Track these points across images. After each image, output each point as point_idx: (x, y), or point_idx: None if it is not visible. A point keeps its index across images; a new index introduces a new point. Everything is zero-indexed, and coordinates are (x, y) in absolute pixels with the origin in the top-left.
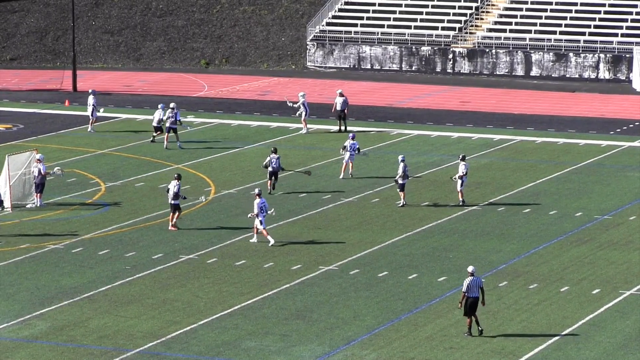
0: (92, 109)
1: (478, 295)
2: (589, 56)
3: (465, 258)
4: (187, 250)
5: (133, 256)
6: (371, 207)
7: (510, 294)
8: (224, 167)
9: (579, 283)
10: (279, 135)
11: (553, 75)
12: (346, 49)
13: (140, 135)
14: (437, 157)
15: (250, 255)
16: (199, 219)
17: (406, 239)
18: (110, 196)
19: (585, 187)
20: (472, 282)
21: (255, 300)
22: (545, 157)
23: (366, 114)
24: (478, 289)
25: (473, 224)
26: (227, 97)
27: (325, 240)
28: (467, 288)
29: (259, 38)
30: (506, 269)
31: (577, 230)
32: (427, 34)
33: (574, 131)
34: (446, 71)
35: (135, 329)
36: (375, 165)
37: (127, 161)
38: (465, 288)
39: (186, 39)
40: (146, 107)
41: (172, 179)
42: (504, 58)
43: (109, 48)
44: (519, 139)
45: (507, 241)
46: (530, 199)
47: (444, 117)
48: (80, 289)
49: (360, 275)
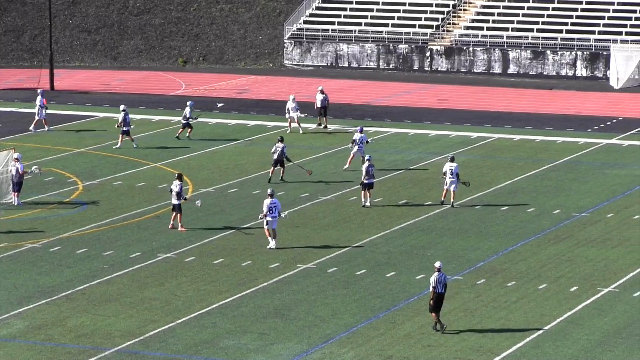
0: (39, 108)
1: (443, 291)
2: (566, 54)
3: (443, 256)
4: (165, 248)
5: (111, 255)
6: (349, 206)
7: (488, 291)
8: (202, 166)
9: (556, 280)
10: (257, 134)
11: (530, 72)
12: (323, 47)
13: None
14: (415, 154)
15: (228, 254)
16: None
17: (384, 237)
18: (88, 195)
19: (562, 185)
20: (438, 277)
21: (233, 299)
22: (523, 154)
23: (344, 112)
24: (443, 285)
25: (451, 221)
26: (205, 96)
27: (303, 239)
28: (435, 283)
29: (236, 36)
30: (484, 267)
31: (555, 227)
32: (405, 31)
33: (551, 129)
34: (424, 69)
35: (113, 328)
36: (353, 164)
37: (104, 160)
38: (434, 283)
39: (163, 37)
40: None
41: (174, 179)
42: (481, 56)
43: (86, 47)
44: (496, 137)
45: (485, 239)
46: (508, 196)
47: (422, 115)
48: (58, 288)
49: (338, 273)
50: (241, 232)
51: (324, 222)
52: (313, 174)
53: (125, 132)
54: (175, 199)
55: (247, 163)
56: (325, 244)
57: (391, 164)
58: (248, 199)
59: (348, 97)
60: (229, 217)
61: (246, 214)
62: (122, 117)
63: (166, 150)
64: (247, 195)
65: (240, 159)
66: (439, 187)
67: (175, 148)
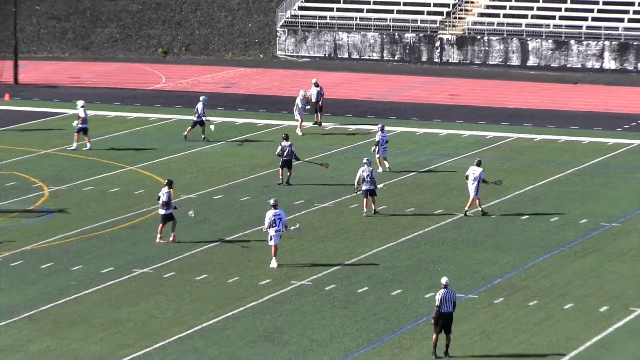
0: None
1: (452, 310)
2: (593, 44)
3: (455, 271)
4: (141, 263)
5: (80, 270)
6: (349, 214)
7: (507, 312)
8: (184, 169)
9: (584, 299)
10: (245, 133)
11: (552, 65)
12: (321, 36)
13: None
14: (423, 156)
15: (212, 269)
16: (154, 227)
17: (389, 249)
18: (55, 202)
19: (589, 191)
20: (445, 294)
21: (218, 320)
22: (545, 156)
23: (343, 109)
24: (452, 304)
25: (464, 232)
26: (188, 90)
27: (298, 252)
28: (440, 302)
29: (223, 24)
30: (502, 284)
31: (582, 239)
32: (412, 19)
33: (576, 127)
34: (433, 60)
35: (82, 353)
36: (353, 166)
37: (74, 162)
38: (438, 302)
39: (141, 25)
40: (96, 102)
41: (163, 186)
42: (497, 46)
43: (55, 36)
44: (514, 137)
45: (503, 252)
46: (528, 204)
47: (431, 112)
48: (19, 308)
49: (337, 291)
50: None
51: (321, 232)
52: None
53: (82, 130)
54: (162, 209)
55: (235, 166)
56: (323, 257)
57: (397, 167)
58: (235, 207)
59: (348, 92)
60: (213, 226)
61: (233, 223)
62: (81, 113)
63: (143, 152)
64: (234, 202)
65: (227, 161)
66: (450, 193)
67: (153, 149)
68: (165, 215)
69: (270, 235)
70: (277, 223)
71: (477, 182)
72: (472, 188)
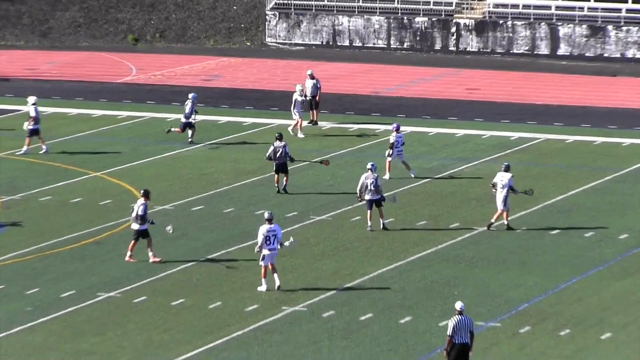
0: None
1: (468, 341)
2: (633, 30)
3: (474, 295)
4: (107, 285)
5: (36, 294)
6: (350, 228)
7: (534, 342)
8: (158, 176)
9: (624, 328)
10: (230, 133)
11: (587, 54)
12: (317, 21)
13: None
14: (437, 161)
15: (190, 292)
16: (123, 243)
17: (396, 269)
18: (7, 214)
19: (630, 201)
20: (460, 322)
21: (197, 352)
22: (578, 161)
23: (343, 105)
24: (468, 333)
25: (484, 249)
26: (162, 84)
27: (291, 272)
28: (452, 331)
29: (204, 7)
30: (529, 310)
31: (621, 257)
32: (423, 1)
33: (614, 127)
34: (448, 49)
35: None
36: (355, 172)
37: (29, 168)
38: (450, 331)
39: (108, 7)
40: (55, 97)
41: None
42: (522, 32)
43: (8, 20)
44: (543, 138)
45: (530, 272)
46: (560, 216)
47: (446, 109)
48: None
49: (337, 318)
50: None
51: (317, 249)
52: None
53: (34, 132)
54: (137, 224)
55: (217, 172)
56: (320, 279)
57: (406, 173)
58: (218, 219)
59: (349, 85)
60: (192, 242)
61: (215, 239)
62: (32, 112)
63: (110, 156)
64: (216, 213)
65: (208, 166)
66: (468, 204)
67: (121, 153)
68: (140, 231)
69: (264, 255)
70: (272, 240)
71: (506, 189)
72: (501, 197)
